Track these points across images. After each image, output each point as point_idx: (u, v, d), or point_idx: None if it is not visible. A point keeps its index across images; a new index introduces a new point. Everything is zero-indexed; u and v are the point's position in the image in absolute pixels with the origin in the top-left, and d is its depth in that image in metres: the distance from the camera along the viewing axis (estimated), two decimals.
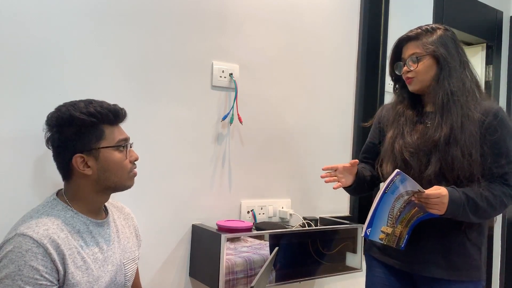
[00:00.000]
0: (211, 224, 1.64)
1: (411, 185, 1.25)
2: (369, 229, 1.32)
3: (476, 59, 2.87)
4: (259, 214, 1.80)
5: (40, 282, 0.97)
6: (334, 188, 1.41)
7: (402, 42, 1.43)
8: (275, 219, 1.85)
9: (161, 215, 1.57)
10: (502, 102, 2.86)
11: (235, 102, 1.70)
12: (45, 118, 1.12)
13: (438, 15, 2.43)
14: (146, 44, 1.52)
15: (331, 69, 2.02)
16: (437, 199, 1.23)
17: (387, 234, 1.32)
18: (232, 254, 1.53)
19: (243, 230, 1.57)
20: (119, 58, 1.47)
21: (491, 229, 2.82)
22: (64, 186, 1.15)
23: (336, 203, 2.04)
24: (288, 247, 1.64)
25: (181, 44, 1.60)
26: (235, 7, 1.73)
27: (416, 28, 1.40)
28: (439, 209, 1.24)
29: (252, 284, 1.08)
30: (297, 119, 1.92)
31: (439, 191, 1.23)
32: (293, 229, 1.73)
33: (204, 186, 1.67)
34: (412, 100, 1.44)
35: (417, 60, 1.36)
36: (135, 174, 1.19)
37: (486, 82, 2.84)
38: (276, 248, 1.35)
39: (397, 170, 1.25)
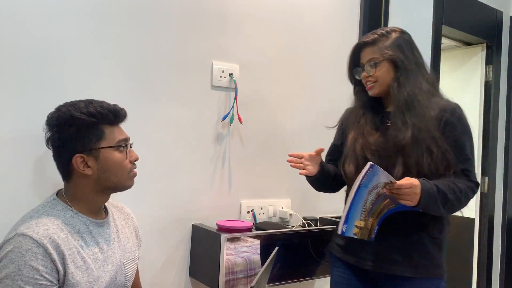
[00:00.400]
0: (211, 224, 1.64)
1: (384, 176, 1.26)
2: (345, 226, 1.33)
3: (476, 59, 2.87)
4: (259, 214, 1.80)
5: (40, 282, 0.96)
6: (300, 174, 1.44)
7: (359, 48, 1.45)
8: (275, 219, 1.85)
9: (161, 215, 1.58)
10: (502, 102, 2.86)
11: (235, 102, 1.70)
12: (45, 118, 1.12)
13: (438, 15, 2.43)
14: (146, 44, 1.52)
15: (331, 69, 2.01)
16: (409, 189, 1.23)
17: (360, 228, 1.32)
18: (232, 254, 1.53)
19: (243, 230, 1.57)
20: (119, 58, 1.47)
21: (469, 225, 2.82)
22: (64, 186, 1.15)
23: (336, 203, 2.04)
24: (288, 247, 1.64)
25: (181, 44, 1.60)
26: (235, 7, 1.73)
27: (372, 33, 1.42)
28: (411, 200, 1.24)
29: (252, 284, 1.08)
30: (297, 119, 1.92)
31: (410, 181, 1.24)
32: (293, 229, 1.73)
33: (204, 186, 1.67)
34: (372, 102, 1.46)
35: (375, 65, 1.38)
36: (135, 174, 1.19)
37: (486, 82, 2.84)
38: (276, 248, 1.35)
39: (370, 163, 1.25)
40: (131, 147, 1.18)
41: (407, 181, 1.24)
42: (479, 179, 2.80)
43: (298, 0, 1.91)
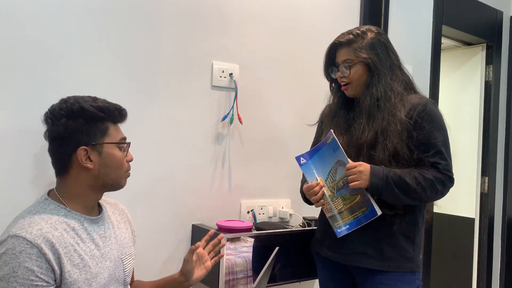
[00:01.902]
0: (211, 224, 1.64)
1: (341, 155, 1.33)
2: (304, 160, 1.41)
3: (476, 59, 2.87)
4: (259, 214, 1.80)
5: (36, 283, 0.95)
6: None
7: (335, 47, 1.46)
8: (275, 219, 1.85)
9: (161, 215, 1.57)
10: (502, 102, 2.86)
11: (235, 102, 1.70)
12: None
13: (438, 15, 2.43)
14: (146, 44, 1.52)
15: None
16: (355, 169, 1.29)
17: (323, 194, 1.38)
18: (232, 254, 1.53)
19: (243, 230, 1.57)
20: (119, 58, 1.47)
21: (469, 225, 2.82)
22: (57, 183, 1.13)
23: None
24: (288, 247, 1.64)
25: (181, 44, 1.60)
26: (235, 7, 1.73)
27: (347, 33, 1.42)
28: (360, 181, 1.29)
29: (254, 285, 1.09)
30: (297, 119, 1.92)
31: (357, 163, 1.31)
32: (293, 229, 1.73)
33: (204, 186, 1.67)
34: (346, 101, 1.48)
35: (349, 67, 1.40)
36: (129, 175, 1.19)
37: (486, 82, 2.84)
38: (277, 248, 1.35)
39: (331, 130, 1.35)
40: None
41: (354, 163, 1.30)
42: (479, 179, 2.83)
43: (298, 0, 1.91)
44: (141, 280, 1.37)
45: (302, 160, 1.42)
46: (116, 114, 1.13)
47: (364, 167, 1.29)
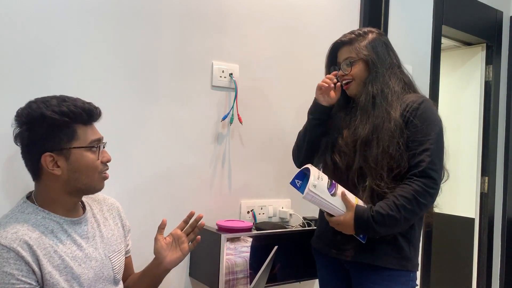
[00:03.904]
0: (211, 224, 1.64)
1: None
2: (300, 182, 1.38)
3: (476, 59, 2.87)
4: (259, 214, 1.80)
5: (18, 286, 0.95)
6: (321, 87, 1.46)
7: (337, 47, 1.49)
8: (275, 219, 1.85)
9: (161, 215, 1.57)
10: (502, 102, 2.86)
11: (235, 102, 1.70)
12: None
13: (438, 15, 2.43)
14: (146, 44, 1.52)
15: None
16: (337, 226, 1.33)
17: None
18: (232, 254, 1.53)
19: (243, 230, 1.57)
20: (119, 58, 1.47)
21: (469, 225, 2.82)
22: (34, 187, 1.11)
23: None
24: (288, 247, 1.64)
25: (181, 44, 1.60)
26: (235, 7, 1.73)
27: (350, 33, 1.46)
28: (346, 231, 1.33)
29: (252, 285, 1.08)
30: (297, 119, 1.92)
31: (339, 218, 1.31)
32: (293, 229, 1.73)
33: (204, 186, 1.67)
34: (345, 101, 1.49)
35: (351, 64, 1.42)
36: (106, 177, 1.14)
37: (486, 82, 2.84)
38: (276, 247, 1.35)
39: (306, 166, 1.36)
40: (104, 148, 1.14)
41: (336, 218, 1.32)
42: (479, 179, 2.83)
43: (298, 0, 1.91)
44: (135, 273, 1.34)
45: (298, 182, 1.38)
46: (84, 116, 1.07)
47: (345, 224, 1.30)
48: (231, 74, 1.70)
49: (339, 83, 1.45)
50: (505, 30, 2.86)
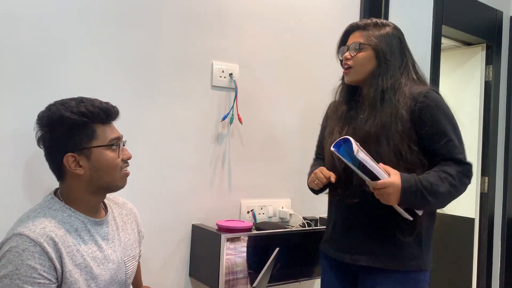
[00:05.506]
0: (211, 224, 1.64)
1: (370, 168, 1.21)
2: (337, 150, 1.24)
3: (476, 59, 2.87)
4: (259, 214, 1.80)
5: (38, 281, 0.97)
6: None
7: (351, 30, 1.44)
8: (275, 219, 1.85)
9: (161, 215, 1.58)
10: (502, 102, 2.86)
11: (235, 102, 1.70)
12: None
13: (438, 15, 2.42)
14: (146, 44, 1.52)
15: (331, 69, 2.01)
16: (384, 189, 1.21)
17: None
18: (232, 254, 1.53)
19: (243, 230, 1.57)
20: (119, 58, 1.47)
21: (469, 225, 2.82)
22: (59, 186, 1.14)
23: None
24: (288, 247, 1.64)
25: (181, 44, 1.60)
26: (235, 7, 1.73)
27: (367, 19, 1.42)
28: (390, 201, 1.23)
29: (254, 285, 1.08)
30: (297, 119, 1.92)
31: (385, 181, 1.20)
32: (293, 229, 1.73)
33: (204, 186, 1.67)
34: (349, 93, 1.45)
35: (359, 48, 1.37)
36: (127, 174, 1.17)
37: (486, 82, 2.84)
38: (277, 249, 1.34)
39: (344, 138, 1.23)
40: (124, 146, 1.16)
41: (383, 181, 1.21)
42: (479, 179, 2.83)
43: (298, 0, 1.91)
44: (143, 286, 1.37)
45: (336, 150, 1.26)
46: (103, 115, 1.10)
47: (393, 188, 1.21)
48: (231, 74, 1.70)
49: (333, 179, 1.36)
50: (505, 30, 2.86)
